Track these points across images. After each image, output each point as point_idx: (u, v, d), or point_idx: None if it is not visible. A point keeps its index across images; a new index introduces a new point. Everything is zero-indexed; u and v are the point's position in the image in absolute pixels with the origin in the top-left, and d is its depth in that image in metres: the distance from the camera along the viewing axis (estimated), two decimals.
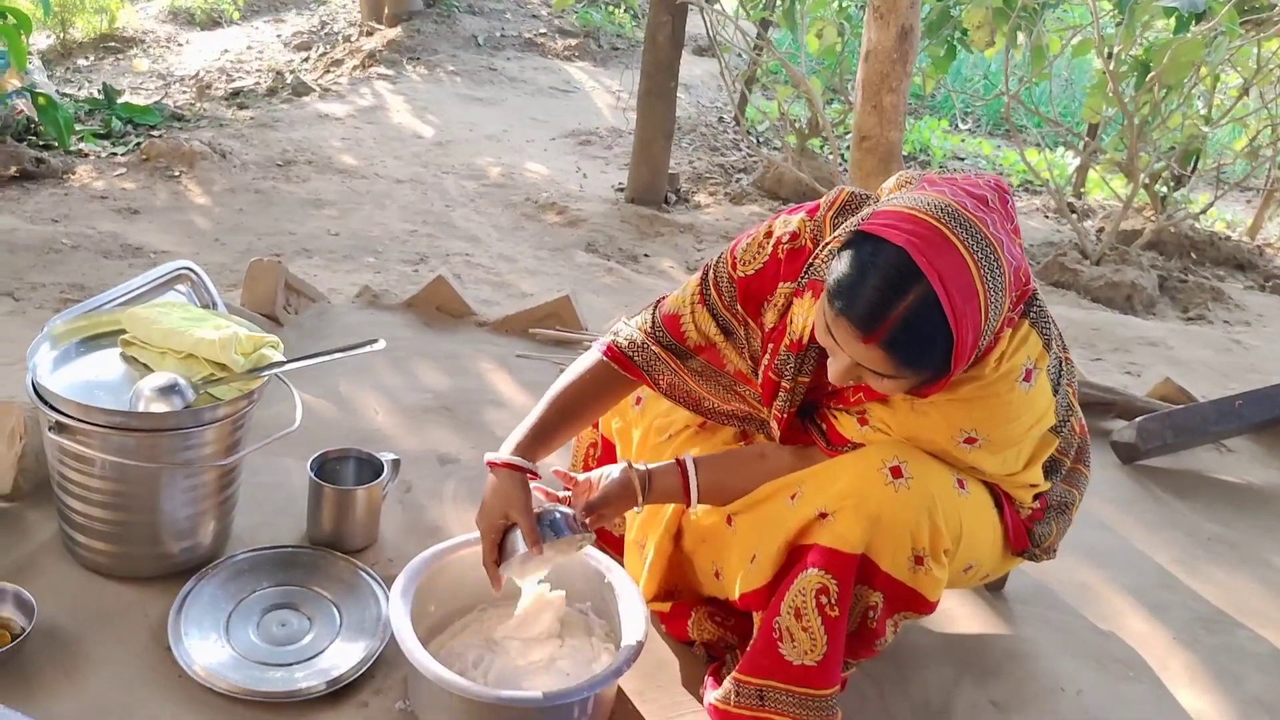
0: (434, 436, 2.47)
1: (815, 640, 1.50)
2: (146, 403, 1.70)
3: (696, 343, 1.71)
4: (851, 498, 1.49)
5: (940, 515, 1.49)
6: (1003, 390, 1.46)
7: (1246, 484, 2.72)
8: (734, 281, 1.65)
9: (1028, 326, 1.48)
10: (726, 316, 1.68)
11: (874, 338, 1.32)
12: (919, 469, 1.50)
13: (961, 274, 1.29)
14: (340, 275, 3.69)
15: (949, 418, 1.49)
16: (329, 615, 1.81)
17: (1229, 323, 4.43)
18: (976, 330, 1.32)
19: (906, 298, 1.29)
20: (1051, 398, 1.53)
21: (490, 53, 8.21)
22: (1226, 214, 6.30)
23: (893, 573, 1.50)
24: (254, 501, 2.06)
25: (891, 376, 1.37)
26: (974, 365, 1.44)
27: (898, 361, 1.33)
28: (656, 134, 5.02)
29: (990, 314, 1.33)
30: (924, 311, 1.29)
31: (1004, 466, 1.56)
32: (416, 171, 5.32)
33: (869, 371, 1.39)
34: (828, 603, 1.49)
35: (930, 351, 1.32)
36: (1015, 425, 1.51)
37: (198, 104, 6.14)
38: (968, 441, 1.50)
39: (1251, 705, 1.89)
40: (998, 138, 7.97)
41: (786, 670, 1.52)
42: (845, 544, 1.48)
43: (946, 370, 1.35)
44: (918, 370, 1.35)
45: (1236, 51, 4.66)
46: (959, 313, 1.29)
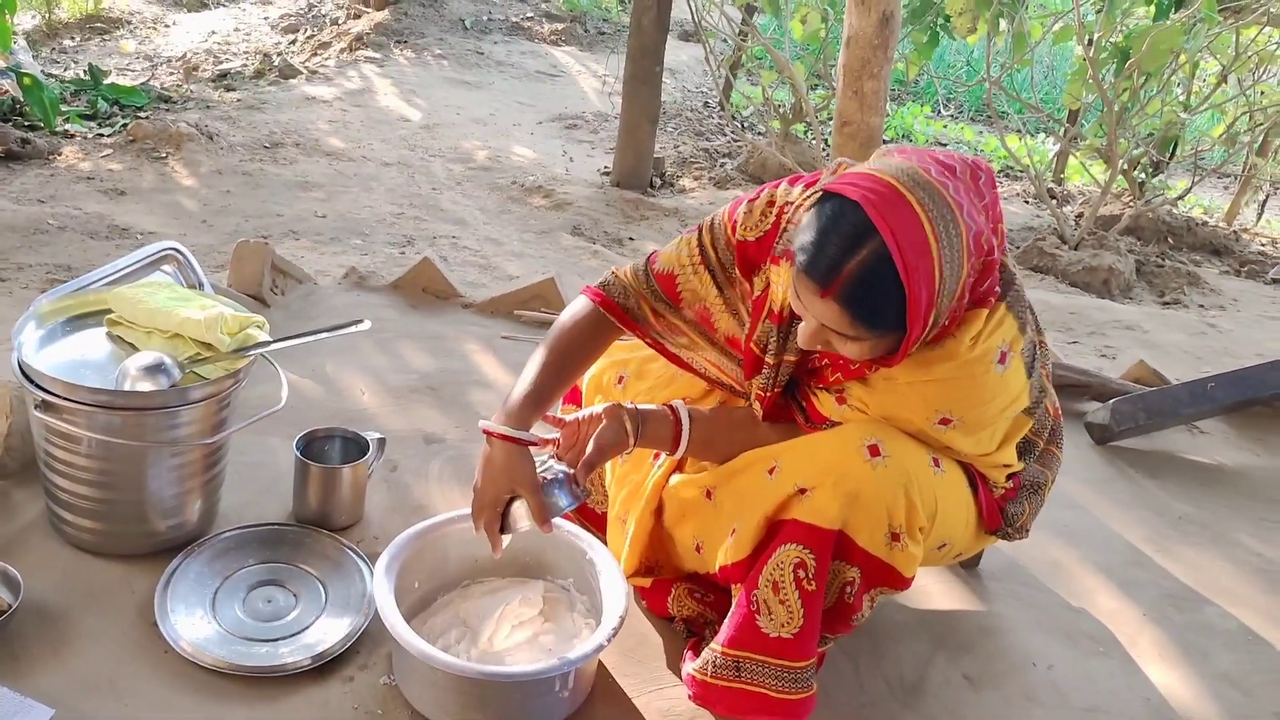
0: (419, 416, 2.49)
1: (792, 613, 1.53)
2: (132, 381, 1.72)
3: (690, 303, 1.72)
4: (830, 474, 1.51)
5: (916, 493, 1.52)
6: (978, 372, 1.49)
7: (1217, 464, 2.77)
8: (731, 245, 1.66)
9: (1004, 309, 1.50)
10: (723, 279, 1.69)
11: (830, 291, 1.35)
12: (896, 448, 1.53)
13: (915, 231, 1.32)
14: (327, 257, 3.70)
15: (925, 398, 1.52)
16: (314, 592, 1.83)
17: (1204, 307, 4.48)
18: (930, 289, 1.34)
19: (860, 252, 1.33)
20: (1025, 380, 1.56)
21: (477, 36, 8.20)
22: (1204, 200, 6.36)
23: (869, 549, 1.53)
24: (240, 480, 2.08)
25: (853, 337, 1.40)
26: (946, 340, 1.47)
27: (853, 317, 1.36)
28: (642, 118, 5.03)
29: (945, 274, 1.35)
30: (876, 266, 1.32)
31: (978, 447, 1.59)
32: (403, 154, 5.32)
33: (834, 334, 1.42)
34: (805, 577, 1.52)
35: (885, 308, 1.35)
36: (989, 407, 1.54)
37: (184, 86, 6.11)
38: (943, 422, 1.53)
39: (1219, 681, 1.93)
40: (979, 124, 8.01)
41: (763, 642, 1.55)
42: (823, 519, 1.51)
43: (903, 329, 1.37)
44: (874, 327, 1.38)
45: (1215, 39, 4.70)
46: (911, 268, 1.32)
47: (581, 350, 1.76)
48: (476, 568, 1.86)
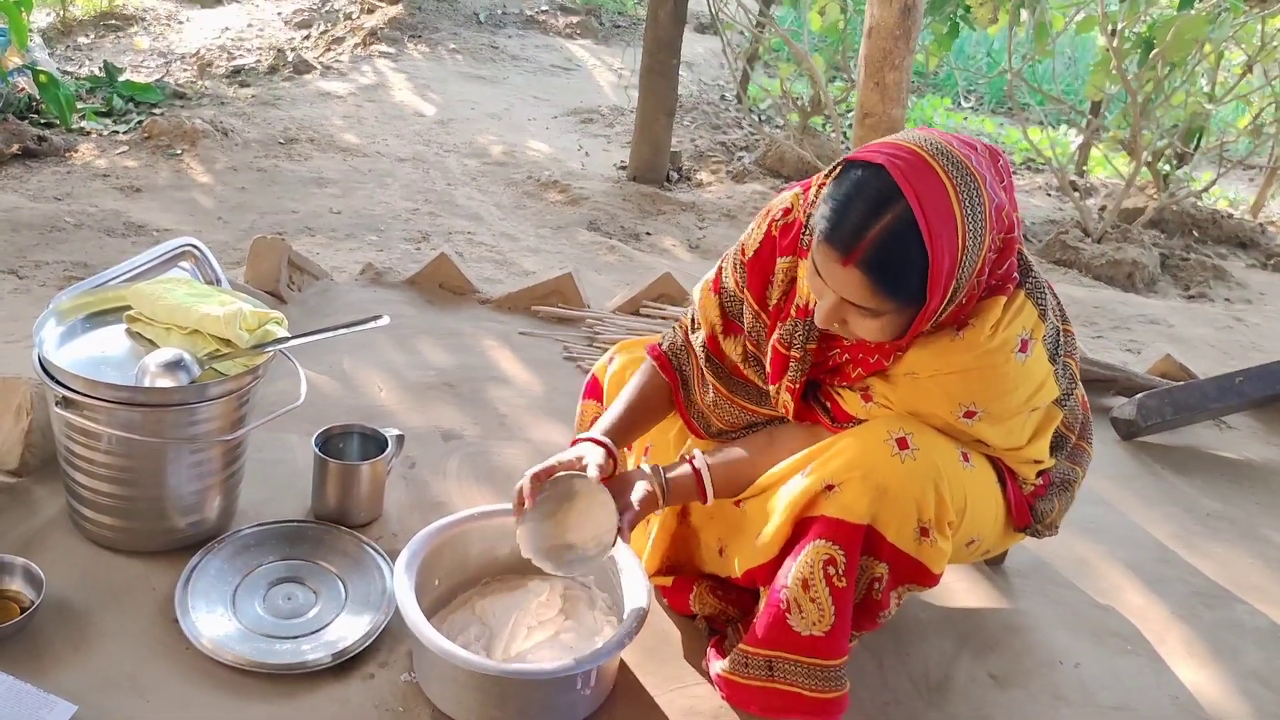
0: (437, 413, 2.48)
1: (823, 611, 1.52)
2: (152, 378, 1.71)
3: (706, 334, 1.77)
4: (858, 469, 1.50)
5: (945, 487, 1.51)
6: (998, 361, 1.47)
7: (1246, 460, 2.73)
8: (744, 265, 1.69)
9: (1023, 297, 1.49)
10: (737, 302, 1.72)
11: (852, 258, 1.35)
12: (925, 441, 1.51)
13: (940, 198, 1.32)
14: (343, 253, 3.70)
15: (947, 391, 1.50)
16: (334, 589, 1.82)
17: (1230, 300, 4.43)
18: (953, 257, 1.34)
19: (884, 217, 1.33)
20: (1049, 368, 1.54)
21: (492, 30, 8.18)
22: (1229, 192, 6.29)
23: (898, 544, 1.52)
24: (259, 477, 2.08)
25: (871, 311, 1.40)
26: (965, 330, 1.46)
27: (875, 284, 1.36)
28: (658, 112, 5.01)
29: (969, 243, 1.35)
30: (901, 231, 1.32)
31: (1008, 439, 1.57)
32: (418, 150, 5.31)
33: (852, 309, 1.42)
34: (835, 573, 1.50)
35: (907, 275, 1.35)
36: (1013, 397, 1.52)
37: (199, 82, 6.12)
38: (967, 415, 1.51)
39: (1249, 679, 1.90)
40: (1000, 115, 7.95)
41: (795, 641, 1.54)
42: (852, 514, 1.50)
43: (923, 299, 1.37)
44: (894, 295, 1.37)
45: (1240, 28, 4.65)
46: (935, 234, 1.32)
47: (653, 411, 1.82)
48: (497, 565, 1.85)
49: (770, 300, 1.66)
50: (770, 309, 1.66)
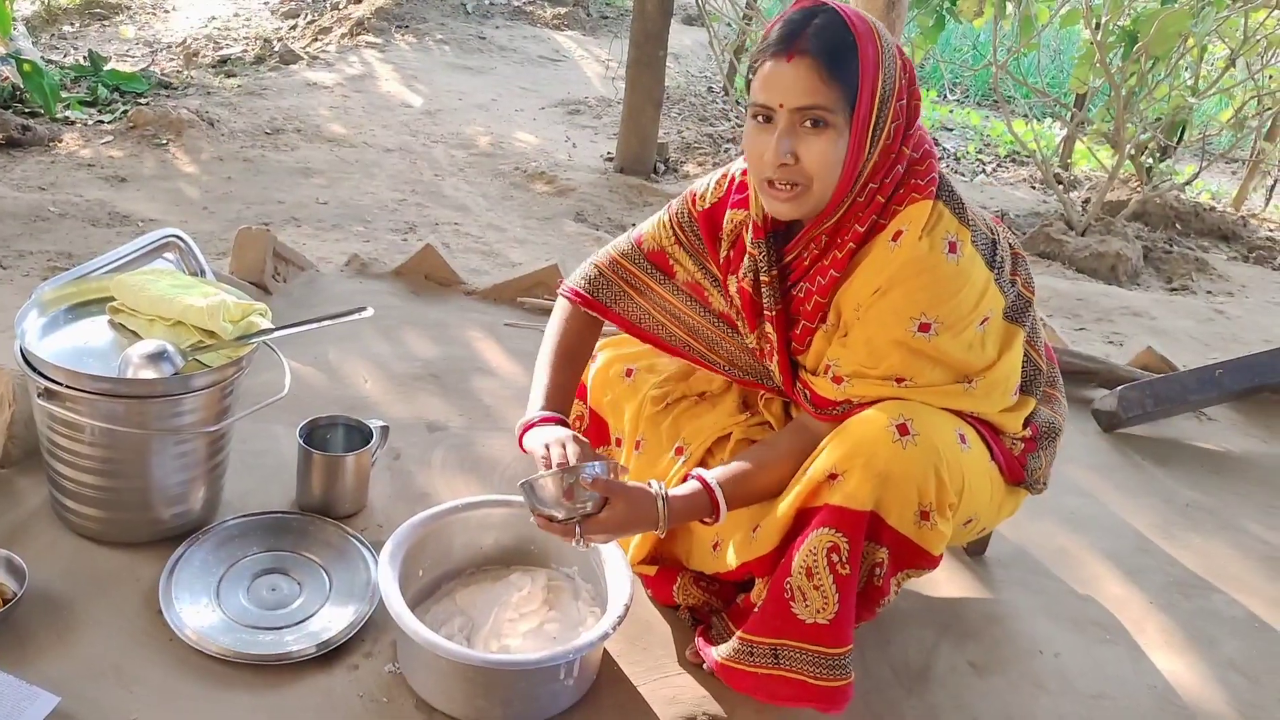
0: (422, 404, 2.49)
1: (827, 598, 1.53)
2: (135, 369, 1.71)
3: (684, 280, 1.83)
4: (860, 456, 1.51)
5: (945, 470, 1.52)
6: (932, 262, 1.52)
7: (1225, 451, 2.76)
8: (694, 218, 1.79)
9: (941, 205, 1.55)
10: (699, 256, 1.80)
11: (795, 49, 1.48)
12: (924, 425, 1.52)
13: (857, 12, 1.51)
14: (329, 244, 3.69)
15: (895, 309, 1.53)
16: (319, 580, 1.83)
17: (1212, 293, 4.46)
18: (875, 50, 1.49)
19: (817, 17, 1.50)
20: (988, 273, 1.57)
21: (479, 21, 8.16)
22: (1212, 185, 6.32)
23: (899, 528, 1.53)
24: (244, 468, 2.08)
25: (819, 112, 1.48)
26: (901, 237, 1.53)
27: (820, 66, 1.46)
28: (645, 103, 5.01)
29: (884, 48, 1.50)
30: (831, 22, 1.49)
31: (971, 354, 1.57)
32: (405, 140, 5.30)
33: (801, 132, 1.49)
34: (839, 561, 1.52)
35: (843, 55, 1.47)
36: (960, 300, 1.54)
37: (185, 72, 6.09)
38: (922, 329, 1.53)
39: (1225, 668, 1.93)
40: (986, 108, 7.97)
41: (800, 629, 1.54)
42: (855, 502, 1.51)
43: (856, 94, 1.48)
44: (836, 76, 1.47)
45: (1223, 22, 4.67)
46: (858, 29, 1.49)
47: (572, 345, 1.85)
48: (481, 556, 1.86)
49: (720, 253, 1.75)
50: (720, 263, 1.75)
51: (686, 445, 1.84)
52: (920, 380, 1.56)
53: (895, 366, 1.56)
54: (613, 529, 1.57)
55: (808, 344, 1.66)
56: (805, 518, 1.57)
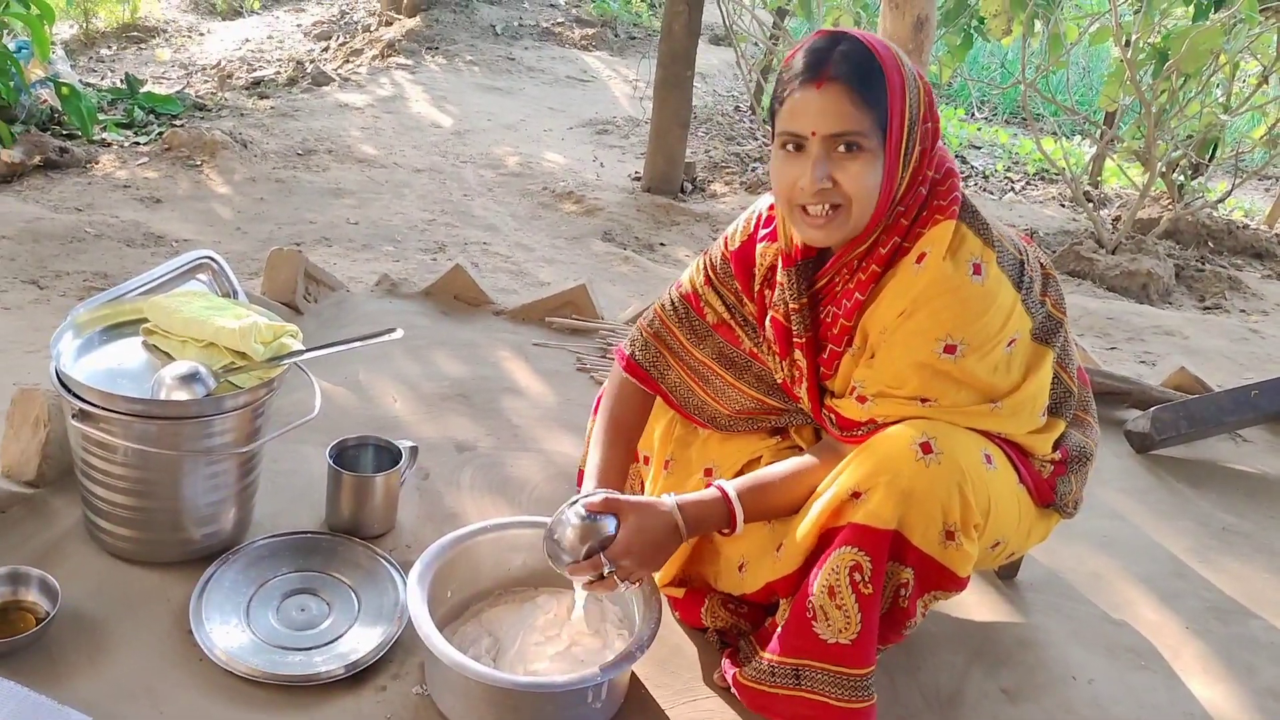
0: (451, 424, 2.49)
1: (850, 618, 1.52)
2: (168, 391, 1.73)
3: (714, 321, 1.83)
4: (884, 474, 1.51)
5: (970, 489, 1.51)
6: (957, 283, 1.51)
7: (1261, 474, 2.72)
8: (727, 259, 1.80)
9: (965, 227, 1.55)
10: (727, 294, 1.81)
11: (824, 75, 1.48)
12: (949, 444, 1.52)
13: (876, 38, 1.53)
14: (359, 264, 3.72)
15: (921, 331, 1.52)
16: (347, 601, 1.83)
17: (1246, 312, 4.41)
18: (900, 76, 1.50)
19: (840, 44, 1.50)
20: (1014, 294, 1.56)
21: (508, 42, 8.23)
22: (1244, 202, 6.25)
23: (924, 548, 1.52)
24: (274, 488, 2.09)
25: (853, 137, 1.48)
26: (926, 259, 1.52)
27: (851, 90, 1.47)
28: (673, 123, 5.03)
29: (906, 74, 1.51)
30: (856, 48, 1.50)
31: (996, 375, 1.56)
32: (435, 161, 5.34)
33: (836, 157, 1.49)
34: (861, 580, 1.51)
35: (871, 79, 1.48)
36: (985, 321, 1.53)
37: (219, 94, 6.18)
38: (948, 350, 1.52)
39: (1264, 696, 1.89)
40: (1014, 126, 7.93)
41: (822, 649, 1.54)
42: (878, 520, 1.50)
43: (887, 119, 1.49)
44: (867, 100, 1.47)
45: (1256, 39, 4.63)
46: (881, 54, 1.50)
47: (632, 421, 1.88)
48: (509, 577, 1.86)
49: (754, 287, 1.75)
50: (755, 295, 1.75)
51: (716, 468, 1.83)
52: (945, 401, 1.56)
53: (920, 388, 1.55)
54: (635, 549, 1.57)
55: (835, 368, 1.65)
56: (829, 537, 1.56)
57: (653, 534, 1.59)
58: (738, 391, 1.82)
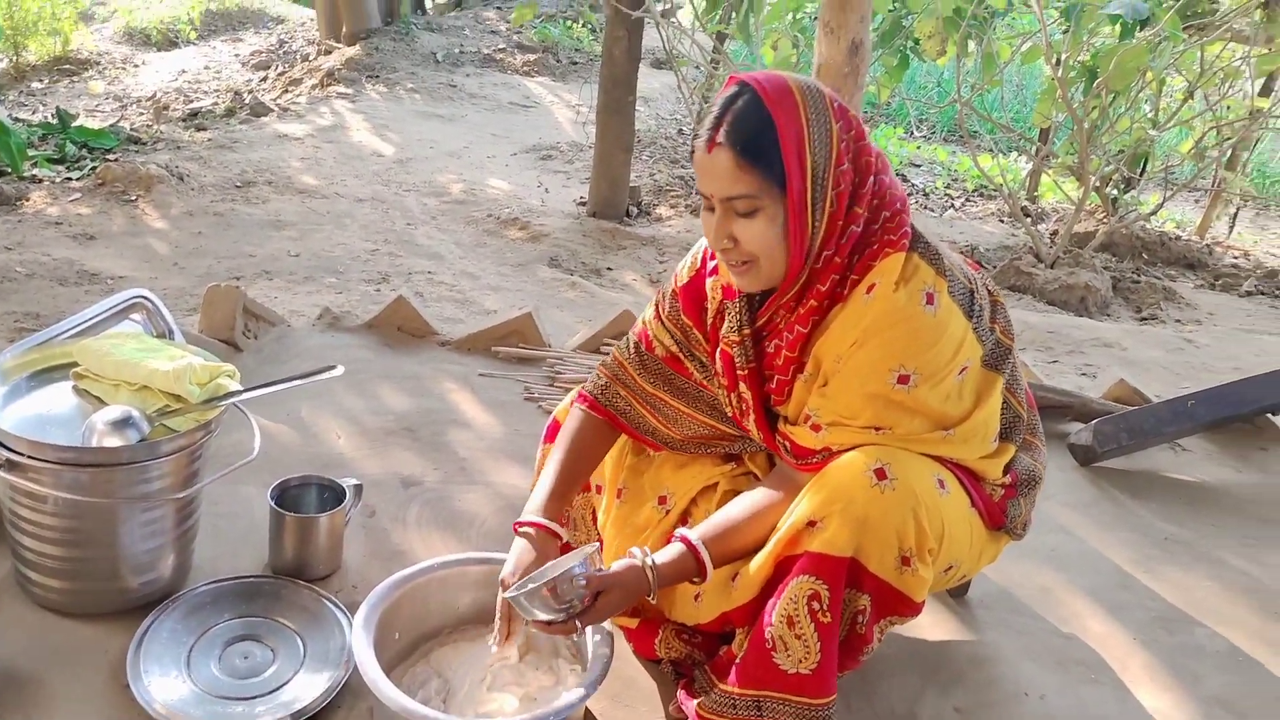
0: (397, 459, 2.46)
1: (809, 648, 1.52)
2: (100, 437, 1.68)
3: (663, 355, 1.83)
4: (839, 502, 1.51)
5: (924, 515, 1.52)
6: (910, 313, 1.52)
7: (1200, 483, 2.77)
8: (676, 295, 1.80)
9: (917, 258, 1.56)
10: (674, 330, 1.81)
11: (714, 138, 1.49)
12: (902, 470, 1.53)
13: (779, 85, 1.51)
14: (301, 297, 3.67)
15: (873, 362, 1.53)
16: (293, 646, 1.79)
17: (1181, 321, 4.50)
18: (798, 129, 1.48)
19: (735, 103, 1.51)
20: (965, 323, 1.57)
21: (449, 69, 8.21)
22: (1176, 214, 6.41)
23: (881, 574, 1.52)
24: (214, 532, 2.04)
25: (746, 198, 1.49)
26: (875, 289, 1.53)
27: (738, 155, 1.48)
28: (616, 148, 5.04)
29: (811, 118, 1.49)
30: (747, 105, 1.49)
31: (948, 404, 1.57)
32: (377, 190, 5.30)
33: (735, 219, 1.52)
34: (820, 609, 1.51)
35: (761, 140, 1.48)
36: (937, 350, 1.54)
37: (154, 126, 6.09)
38: (901, 380, 1.53)
39: (1211, 704, 1.91)
40: (952, 144, 8.06)
41: (782, 680, 1.53)
42: (835, 548, 1.50)
43: (784, 176, 1.48)
44: (756, 163, 1.48)
45: (1180, 56, 4.75)
46: (777, 106, 1.49)
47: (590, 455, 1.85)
48: (458, 615, 1.83)
49: (707, 321, 1.75)
50: (709, 329, 1.75)
51: (670, 496, 1.83)
52: (899, 430, 1.57)
53: (874, 418, 1.56)
54: (610, 614, 1.57)
55: (787, 394, 1.65)
56: (785, 566, 1.55)
57: (628, 601, 1.59)
58: (689, 418, 1.83)
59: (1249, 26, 4.62)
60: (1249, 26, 4.62)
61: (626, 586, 1.58)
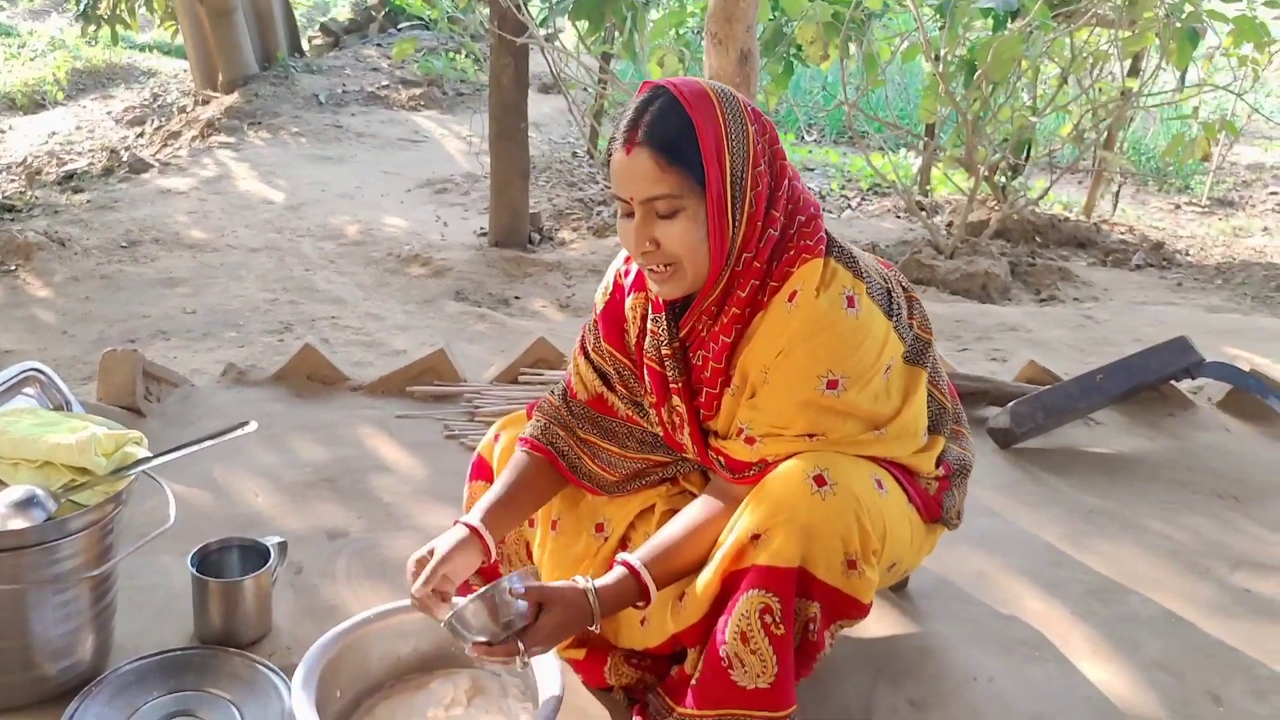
0: (319, 512, 2.39)
1: (765, 662, 1.50)
2: (2, 520, 1.59)
3: (588, 399, 1.82)
4: (782, 513, 1.50)
5: (866, 517, 1.53)
6: (834, 318, 1.53)
7: (1117, 453, 2.84)
8: (596, 324, 1.80)
9: (834, 262, 1.57)
10: (599, 361, 1.80)
11: (633, 140, 1.49)
12: (841, 474, 1.53)
13: (696, 88, 1.52)
14: (202, 354, 3.56)
15: (802, 371, 1.54)
16: (229, 717, 1.71)
17: (1079, 299, 4.65)
18: (716, 130, 1.49)
19: (652, 105, 1.51)
20: (887, 322, 1.59)
21: (333, 110, 8.09)
22: (1063, 197, 6.62)
23: (828, 580, 1.52)
24: (134, 606, 1.95)
25: (667, 198, 1.49)
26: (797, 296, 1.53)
27: (656, 155, 1.48)
28: (512, 175, 5.01)
29: (728, 118, 1.50)
30: (665, 107, 1.50)
31: (878, 403, 1.59)
32: (270, 238, 5.18)
33: (656, 221, 1.51)
34: (772, 621, 1.50)
35: (679, 140, 1.48)
36: (862, 353, 1.56)
37: (28, 192, 5.85)
38: (830, 385, 1.54)
39: (1152, 669, 1.95)
40: (843, 145, 8.23)
41: (741, 696, 1.51)
42: (782, 559, 1.50)
43: (702, 169, 1.48)
44: (676, 162, 1.48)
45: (1052, 44, 4.92)
46: (692, 106, 1.49)
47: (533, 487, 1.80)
48: (400, 665, 1.77)
49: (630, 343, 1.74)
50: (633, 352, 1.74)
51: (607, 523, 1.80)
52: (833, 435, 1.57)
53: (808, 425, 1.56)
54: (552, 636, 1.53)
55: (716, 409, 1.65)
56: (733, 581, 1.54)
57: (570, 625, 1.55)
58: (621, 458, 1.82)
59: (1113, 10, 4.81)
60: (1113, 10, 4.81)
61: (568, 604, 1.54)
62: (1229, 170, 8.07)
